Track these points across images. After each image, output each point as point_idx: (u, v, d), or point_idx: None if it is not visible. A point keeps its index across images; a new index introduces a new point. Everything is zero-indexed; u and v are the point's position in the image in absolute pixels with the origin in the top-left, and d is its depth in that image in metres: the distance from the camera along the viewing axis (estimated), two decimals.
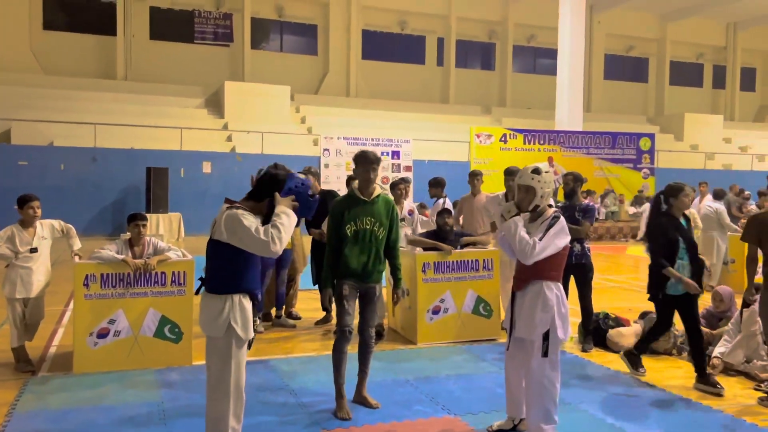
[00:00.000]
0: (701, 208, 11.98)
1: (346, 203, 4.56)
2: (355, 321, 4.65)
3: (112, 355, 5.49)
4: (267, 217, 3.53)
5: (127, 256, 5.61)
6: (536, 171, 4.09)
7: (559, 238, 3.99)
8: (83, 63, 22.69)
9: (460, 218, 7.87)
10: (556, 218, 4.03)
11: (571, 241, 5.50)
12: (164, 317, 5.62)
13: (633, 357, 5.64)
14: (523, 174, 4.11)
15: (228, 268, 3.50)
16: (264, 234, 3.33)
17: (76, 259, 5.73)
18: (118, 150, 17.83)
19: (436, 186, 8.45)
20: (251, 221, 3.39)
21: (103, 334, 5.48)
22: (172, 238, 16.34)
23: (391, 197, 4.77)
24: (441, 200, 8.33)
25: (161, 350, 5.62)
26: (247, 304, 3.56)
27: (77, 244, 6.04)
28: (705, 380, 5.25)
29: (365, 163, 4.51)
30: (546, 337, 3.96)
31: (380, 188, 4.64)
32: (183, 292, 5.68)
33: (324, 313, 7.47)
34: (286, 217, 3.43)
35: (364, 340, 4.67)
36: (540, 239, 3.96)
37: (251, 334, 3.58)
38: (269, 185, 3.56)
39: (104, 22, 22.95)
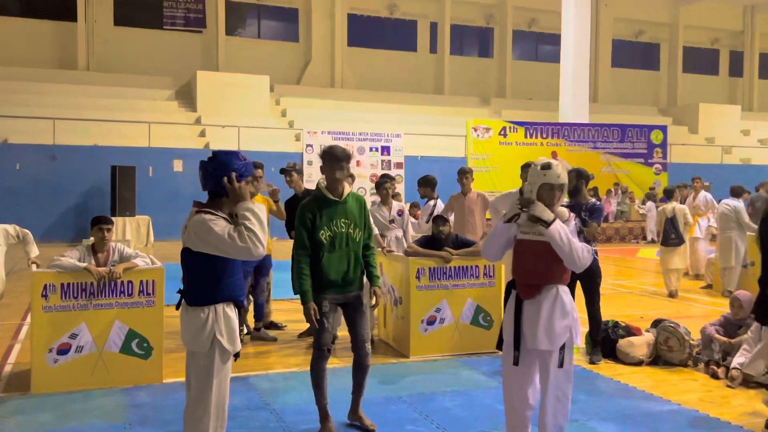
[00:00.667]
0: (697, 206, 12.11)
1: (315, 205, 4.46)
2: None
3: (74, 373, 5.44)
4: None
5: (90, 263, 5.57)
6: (526, 165, 4.21)
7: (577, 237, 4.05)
8: (40, 52, 22.55)
9: (451, 219, 7.86)
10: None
11: None
12: (132, 331, 5.58)
13: None
14: (532, 171, 4.20)
15: (207, 277, 3.51)
16: (240, 239, 3.33)
17: (34, 267, 5.69)
18: (80, 147, 17.72)
19: (426, 185, 8.32)
20: (222, 226, 3.39)
21: (63, 350, 5.43)
22: (140, 244, 16.27)
23: (360, 194, 4.74)
24: (432, 201, 8.30)
25: (129, 367, 5.57)
26: (232, 313, 3.58)
27: (35, 251, 5.99)
28: None
29: (332, 160, 4.43)
30: (563, 346, 3.98)
31: (348, 186, 4.60)
32: (152, 303, 5.65)
33: (308, 325, 7.44)
34: (252, 213, 3.40)
35: (359, 357, 4.61)
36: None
37: (238, 346, 3.60)
38: (214, 175, 3.54)
39: (63, 7, 22.83)
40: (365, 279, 4.62)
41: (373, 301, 4.65)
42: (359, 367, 4.63)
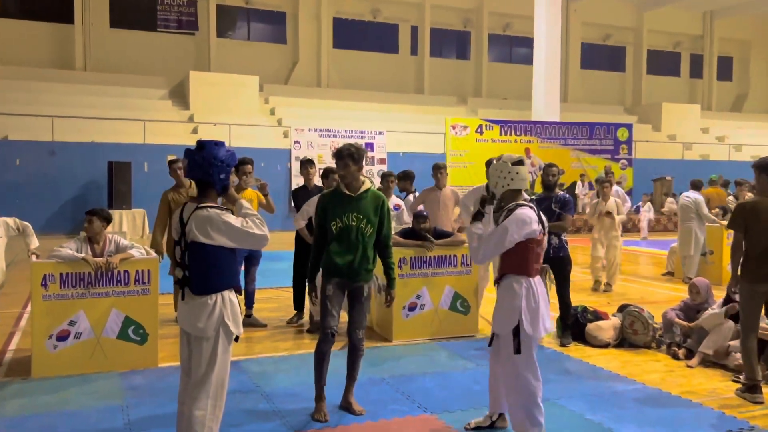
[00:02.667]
0: (621, 197, 12.20)
1: (330, 198, 4.54)
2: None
3: (73, 359, 5.40)
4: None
5: (87, 254, 5.52)
6: (498, 158, 4.25)
7: (510, 232, 3.96)
8: (39, 52, 22.20)
9: None
10: (510, 211, 4.05)
11: (549, 234, 5.57)
12: (128, 318, 5.55)
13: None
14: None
15: (215, 268, 3.54)
16: (257, 228, 3.49)
17: (33, 258, 5.62)
18: (78, 144, 17.51)
19: (405, 179, 8.46)
20: (234, 218, 3.49)
21: (63, 337, 5.38)
22: (136, 236, 16.14)
23: (381, 193, 4.74)
24: (411, 195, 8.38)
25: (125, 352, 5.54)
26: (234, 298, 3.64)
27: (34, 242, 5.92)
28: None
29: (336, 158, 4.51)
30: (516, 332, 3.98)
31: (370, 182, 4.59)
32: (147, 291, 5.61)
33: (294, 312, 7.43)
34: (251, 210, 3.59)
35: (353, 343, 4.62)
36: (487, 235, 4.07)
37: (242, 329, 3.68)
38: (202, 165, 3.54)
39: (61, 10, 22.46)
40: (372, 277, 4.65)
41: (386, 302, 4.77)
42: (353, 350, 4.64)
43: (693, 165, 23.80)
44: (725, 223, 10.60)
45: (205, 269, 3.54)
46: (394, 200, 7.73)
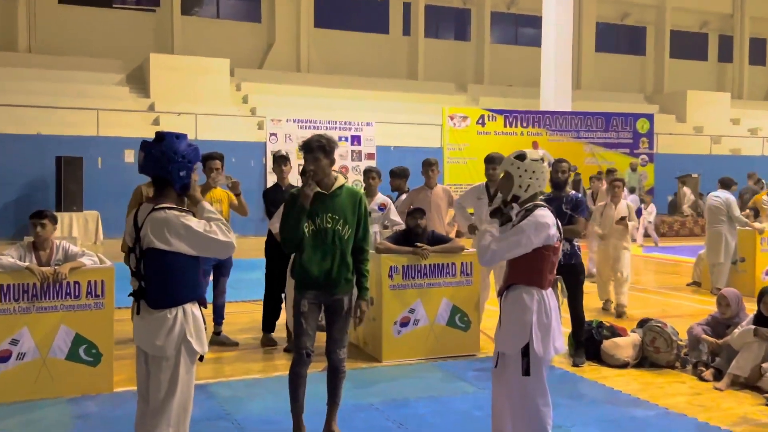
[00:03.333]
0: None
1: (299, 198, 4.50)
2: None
3: (14, 383, 5.35)
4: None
5: (32, 262, 5.48)
6: (519, 157, 4.17)
7: (527, 235, 3.97)
8: None
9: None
10: (528, 211, 4.06)
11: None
12: (79, 336, 5.51)
13: None
14: (505, 159, 4.27)
15: (175, 278, 3.54)
16: (222, 234, 3.47)
17: None
18: (21, 136, 17.37)
19: (401, 177, 8.49)
20: (196, 222, 3.47)
21: (3, 358, 5.33)
22: (88, 241, 16.04)
23: (359, 188, 4.73)
24: (404, 195, 8.39)
25: (75, 375, 5.51)
26: (198, 312, 3.63)
27: None
28: None
29: (305, 151, 4.45)
30: (526, 352, 3.99)
31: (343, 178, 4.58)
32: (101, 305, 5.58)
33: (261, 333, 7.37)
34: (212, 213, 3.56)
35: (333, 364, 4.61)
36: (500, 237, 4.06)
37: (206, 347, 3.66)
38: (160, 160, 3.53)
39: None
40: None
41: (356, 318, 4.61)
42: (333, 372, 4.63)
43: (722, 161, 23.94)
44: (760, 225, 10.70)
45: (163, 279, 3.53)
46: (379, 199, 7.70)
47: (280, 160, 7.34)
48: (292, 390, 4.56)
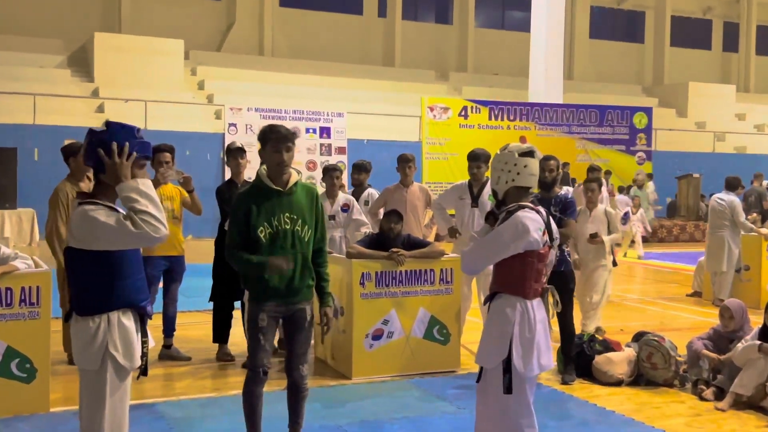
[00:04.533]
0: (614, 202, 11.35)
1: (253, 197, 4.45)
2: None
3: None
4: None
5: None
6: (503, 148, 4.26)
7: (503, 240, 4.03)
8: None
9: (380, 215, 7.93)
10: (509, 213, 4.10)
11: None
12: (11, 349, 5.44)
13: None
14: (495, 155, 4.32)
15: (97, 280, 3.49)
16: (134, 225, 3.34)
17: None
18: None
19: (365, 171, 8.54)
20: (106, 214, 3.40)
21: None
22: (22, 242, 15.85)
23: (312, 184, 4.72)
24: (367, 192, 8.49)
25: (7, 393, 5.43)
26: (128, 322, 3.57)
27: None
28: None
29: (277, 140, 4.39)
30: (508, 368, 4.01)
31: (296, 174, 4.55)
32: (36, 314, 5.51)
33: (216, 346, 7.33)
34: (138, 193, 3.40)
35: (294, 382, 4.60)
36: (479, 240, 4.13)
37: (137, 362, 3.59)
38: (94, 153, 3.49)
39: None
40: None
41: (324, 327, 4.62)
42: (294, 391, 4.62)
43: (726, 159, 24.24)
44: (766, 231, 10.84)
45: (85, 283, 3.51)
46: (341, 199, 7.71)
47: (237, 152, 7.27)
48: (247, 411, 4.54)
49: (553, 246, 4.22)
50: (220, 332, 7.24)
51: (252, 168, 7.30)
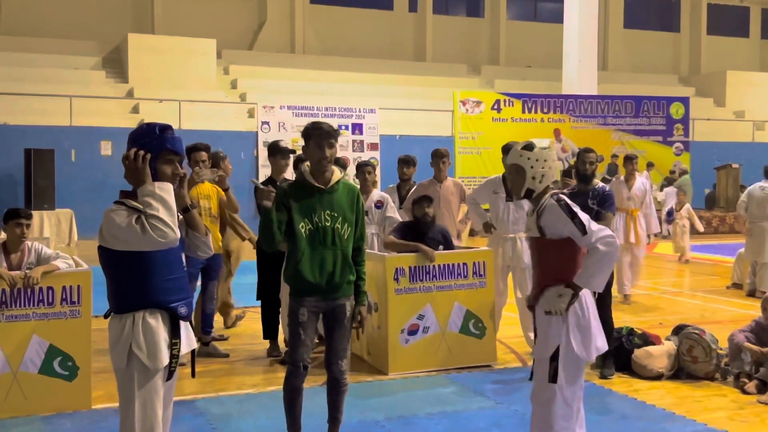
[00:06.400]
0: (632, 196, 10.46)
1: (293, 192, 4.49)
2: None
3: None
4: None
5: (1, 266, 5.50)
6: (527, 147, 4.25)
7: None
8: None
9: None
10: (543, 206, 4.15)
11: None
12: (53, 347, 5.52)
13: None
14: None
15: (126, 280, 3.57)
16: (142, 229, 3.40)
17: None
18: None
19: (412, 164, 8.52)
20: (124, 216, 3.45)
21: None
22: (62, 243, 16.08)
23: (354, 184, 4.75)
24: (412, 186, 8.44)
25: (50, 391, 5.52)
26: (155, 322, 3.58)
27: None
28: None
29: (319, 136, 4.43)
30: (555, 356, 4.02)
31: (339, 172, 4.58)
32: (77, 313, 5.60)
33: (262, 343, 7.40)
34: (152, 197, 3.44)
35: (334, 377, 4.63)
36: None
37: (162, 362, 3.57)
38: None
39: None
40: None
41: (358, 323, 4.65)
42: (334, 385, 4.65)
43: (765, 149, 23.88)
44: None
45: (115, 282, 3.60)
46: (375, 196, 7.70)
47: (284, 152, 7.28)
48: (287, 406, 4.58)
49: None
50: (270, 329, 7.30)
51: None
